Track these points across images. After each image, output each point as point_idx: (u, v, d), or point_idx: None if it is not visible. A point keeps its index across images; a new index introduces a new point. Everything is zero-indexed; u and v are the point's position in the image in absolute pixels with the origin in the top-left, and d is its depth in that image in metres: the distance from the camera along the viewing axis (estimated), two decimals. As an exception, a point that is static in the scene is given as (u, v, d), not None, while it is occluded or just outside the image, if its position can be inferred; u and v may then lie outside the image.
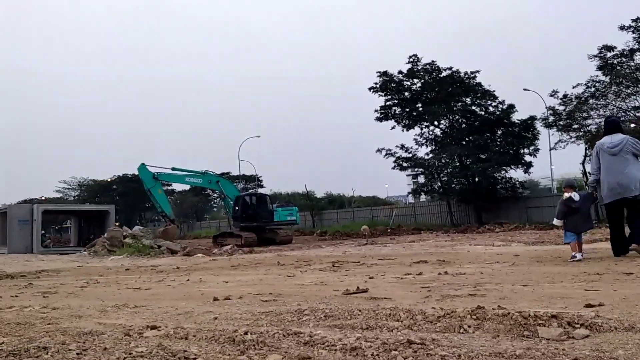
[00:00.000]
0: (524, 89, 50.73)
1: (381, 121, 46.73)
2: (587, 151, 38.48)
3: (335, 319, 6.25)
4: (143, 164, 35.92)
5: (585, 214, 11.97)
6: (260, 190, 64.38)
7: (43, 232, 45.62)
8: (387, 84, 45.79)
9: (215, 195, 78.65)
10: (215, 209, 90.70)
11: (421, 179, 47.09)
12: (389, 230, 41.23)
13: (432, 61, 44.54)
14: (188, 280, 12.46)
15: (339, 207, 64.26)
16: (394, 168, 46.31)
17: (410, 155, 45.93)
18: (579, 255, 11.48)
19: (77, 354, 5.09)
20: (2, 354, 5.15)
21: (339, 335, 5.28)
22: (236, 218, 37.61)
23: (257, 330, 5.66)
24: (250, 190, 61.72)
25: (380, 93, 46.19)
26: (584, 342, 4.59)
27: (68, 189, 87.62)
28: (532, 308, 5.97)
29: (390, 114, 46.59)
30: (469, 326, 5.39)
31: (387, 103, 46.51)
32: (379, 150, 46.27)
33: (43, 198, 77.43)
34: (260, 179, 78.75)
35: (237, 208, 37.33)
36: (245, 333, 5.54)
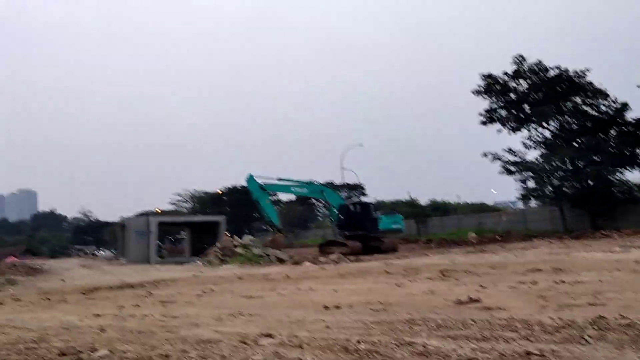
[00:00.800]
0: (638, 86, 47.88)
1: (486, 125, 45.58)
2: None
3: (448, 329, 6.18)
4: (251, 176, 36.91)
5: None
6: (363, 199, 64.45)
7: (159, 242, 47.89)
8: (491, 86, 44.63)
9: (320, 204, 79.49)
10: (320, 218, 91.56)
11: (531, 184, 45.12)
12: (497, 238, 40.07)
13: (539, 61, 43.05)
14: (298, 288, 12.66)
15: (444, 214, 63.10)
16: (501, 173, 45.10)
17: (518, 159, 44.49)
18: None
19: (198, 361, 5.34)
20: (128, 360, 5.48)
21: (453, 345, 5.22)
22: (341, 227, 37.82)
23: (370, 340, 5.70)
24: (353, 199, 61.99)
25: (484, 96, 45.10)
26: None
27: (181, 201, 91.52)
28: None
29: (495, 117, 45.34)
30: (591, 337, 5.18)
31: (492, 106, 45.34)
32: (484, 155, 45.15)
33: (158, 210, 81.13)
34: (363, 187, 78.85)
35: (341, 217, 37.54)
36: (359, 342, 5.60)
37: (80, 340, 6.89)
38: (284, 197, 71.36)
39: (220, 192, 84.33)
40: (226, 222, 44.74)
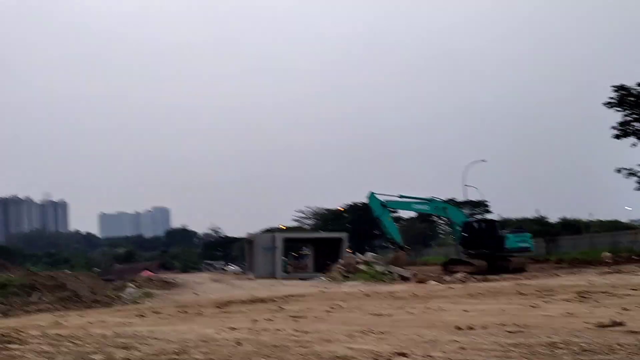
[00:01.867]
0: None
1: (619, 138, 43.11)
2: None
3: (593, 353, 5.91)
4: (372, 193, 37.01)
5: None
6: (487, 216, 62.63)
7: (284, 258, 49.05)
8: (624, 97, 42.22)
9: (442, 221, 78.16)
10: (442, 236, 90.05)
11: (672, 200, 42.20)
12: (634, 257, 37.53)
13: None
14: (428, 307, 12.55)
15: (575, 232, 59.98)
16: (637, 189, 42.42)
17: (656, 174, 41.66)
18: None
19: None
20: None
21: (600, 371, 5.00)
22: (464, 245, 36.95)
23: (509, 363, 5.57)
24: (477, 216, 60.46)
25: (617, 108, 42.74)
26: None
27: (304, 217, 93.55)
28: None
29: (629, 130, 42.83)
30: None
31: (626, 118, 42.84)
32: (618, 171, 42.72)
33: (282, 227, 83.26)
34: (487, 204, 76.80)
35: (465, 235, 36.74)
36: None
37: (219, 353, 7.15)
38: (405, 214, 70.80)
39: (342, 209, 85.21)
40: (348, 239, 45.13)
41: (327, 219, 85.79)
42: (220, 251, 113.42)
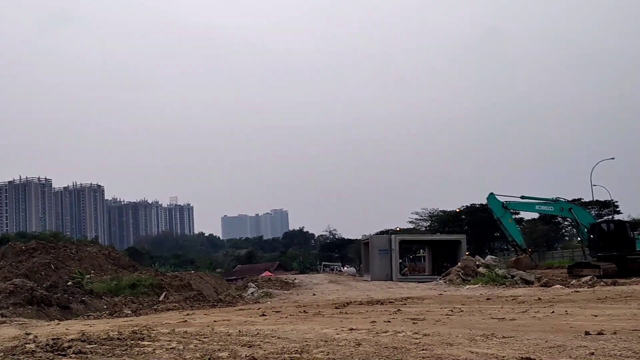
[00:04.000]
0: None
1: None
2: None
3: None
4: (492, 194, 36.14)
5: None
6: (617, 217, 59.28)
7: (400, 260, 48.83)
8: None
9: (566, 223, 74.91)
10: (566, 238, 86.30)
11: None
12: None
13: None
14: (553, 312, 12.09)
15: None
16: None
17: None
18: None
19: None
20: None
21: None
22: (592, 247, 35.24)
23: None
24: (606, 217, 57.34)
25: None
26: None
27: (419, 219, 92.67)
28: None
29: None
30: None
31: None
32: None
33: (397, 229, 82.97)
34: (616, 204, 72.81)
35: (592, 236, 34.98)
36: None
37: (339, 353, 7.22)
38: (527, 215, 68.41)
39: (459, 211, 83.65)
40: (466, 241, 44.25)
41: (444, 220, 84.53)
42: (337, 253, 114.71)
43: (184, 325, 11.63)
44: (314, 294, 25.50)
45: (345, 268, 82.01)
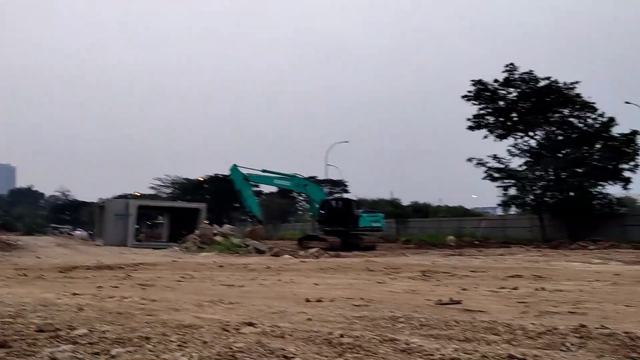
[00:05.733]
0: (626, 102, 48.42)
1: (473, 130, 45.78)
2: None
3: (430, 328, 6.19)
4: (235, 165, 36.69)
5: None
6: (345, 196, 64.51)
7: (137, 226, 47.55)
8: (481, 92, 44.85)
9: (301, 198, 79.50)
10: (300, 212, 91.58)
11: (512, 191, 45.46)
12: (476, 242, 40.32)
13: (530, 71, 43.36)
14: (279, 280, 12.65)
15: (425, 215, 63.29)
16: (484, 178, 45.28)
17: (502, 166, 44.79)
18: None
19: (178, 345, 5.28)
20: (107, 341, 5.41)
21: (435, 344, 5.21)
22: (322, 222, 37.79)
23: (353, 334, 5.68)
24: (336, 195, 62.04)
25: (474, 102, 45.31)
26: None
27: (162, 186, 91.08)
28: (638, 330, 5.71)
29: (483, 123, 45.59)
30: (572, 344, 5.21)
31: (481, 112, 45.55)
32: (469, 160, 45.38)
33: (137, 194, 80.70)
34: (346, 184, 79.01)
35: (323, 212, 37.51)
36: (341, 336, 5.57)
37: (58, 318, 6.81)
38: (266, 188, 71.15)
39: (202, 180, 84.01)
40: (206, 210, 44.60)
41: (187, 189, 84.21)
42: (69, 215, 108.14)
43: None
44: (38, 257, 23.60)
45: (77, 232, 77.74)
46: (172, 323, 6.48)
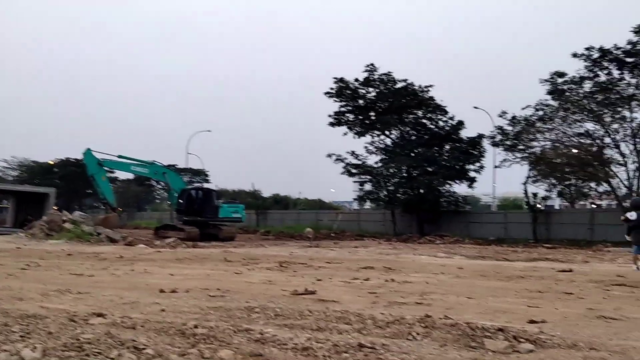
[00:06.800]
0: (474, 107, 51.87)
1: (334, 126, 46.77)
2: (530, 172, 39.56)
3: (285, 318, 6.28)
4: (89, 149, 34.96)
5: None
6: (206, 185, 63.73)
7: (-23, 210, 44.09)
8: (342, 90, 45.91)
9: (159, 186, 77.43)
10: (157, 201, 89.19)
11: (368, 187, 47.20)
12: (332, 235, 41.37)
13: (389, 72, 44.94)
14: (132, 270, 12.27)
15: (285, 208, 64.06)
16: (342, 173, 46.55)
17: (359, 162, 46.26)
18: (634, 267, 12.70)
19: (21, 336, 4.98)
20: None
21: (289, 334, 5.30)
22: (180, 211, 36.99)
23: (207, 325, 5.64)
24: (196, 184, 61.08)
25: (335, 99, 46.27)
26: (528, 356, 4.74)
27: (7, 168, 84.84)
28: (478, 320, 6.13)
29: (343, 120, 46.73)
30: (418, 334, 5.49)
31: (342, 109, 46.66)
32: (329, 155, 46.39)
33: (-23, 176, 74.85)
34: (207, 173, 78.00)
35: (181, 201, 36.69)
36: (195, 327, 5.51)
37: None
38: (122, 175, 68.54)
39: (53, 163, 79.30)
40: (56, 195, 42.25)
41: (35, 172, 79.01)
42: None
43: None
44: None
45: None
46: (15, 313, 6.11)
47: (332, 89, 46.30)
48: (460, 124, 44.89)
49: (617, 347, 5.08)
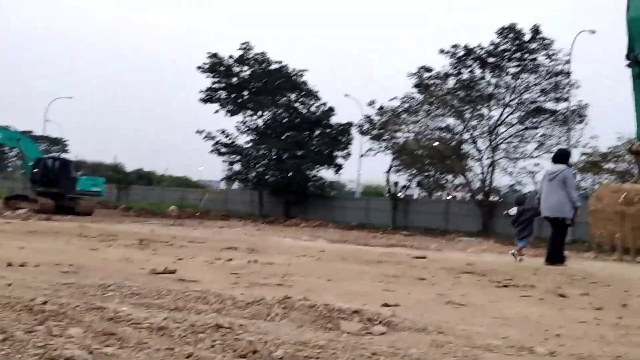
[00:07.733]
0: (345, 95, 53.20)
1: (205, 103, 46.07)
2: (393, 162, 41.26)
3: (142, 297, 6.11)
4: None
5: (523, 223, 13.79)
6: (64, 155, 60.60)
7: None
8: (216, 66, 45.31)
9: (12, 153, 72.77)
10: (10, 169, 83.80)
11: (237, 167, 47.07)
12: (197, 214, 40.89)
13: (263, 52, 45.03)
14: (-24, 241, 11.43)
15: (148, 183, 62.28)
16: (212, 152, 46.14)
17: (230, 141, 45.96)
18: (510, 254, 13.60)
19: None
20: None
21: (145, 314, 5.17)
22: (34, 181, 35.07)
23: (57, 302, 5.36)
24: (53, 154, 57.90)
25: (208, 74, 45.63)
26: (380, 338, 4.94)
27: None
28: (335, 302, 6.30)
29: (215, 97, 46.14)
30: (277, 314, 5.56)
31: (214, 85, 46.04)
32: (198, 132, 45.77)
33: None
34: (66, 143, 74.37)
35: (36, 171, 34.88)
36: (44, 303, 5.23)
37: None
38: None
39: None
40: None
41: None
42: None
43: None
44: None
45: None
46: None
47: (205, 64, 45.57)
48: (331, 110, 45.88)
49: (463, 331, 5.40)
